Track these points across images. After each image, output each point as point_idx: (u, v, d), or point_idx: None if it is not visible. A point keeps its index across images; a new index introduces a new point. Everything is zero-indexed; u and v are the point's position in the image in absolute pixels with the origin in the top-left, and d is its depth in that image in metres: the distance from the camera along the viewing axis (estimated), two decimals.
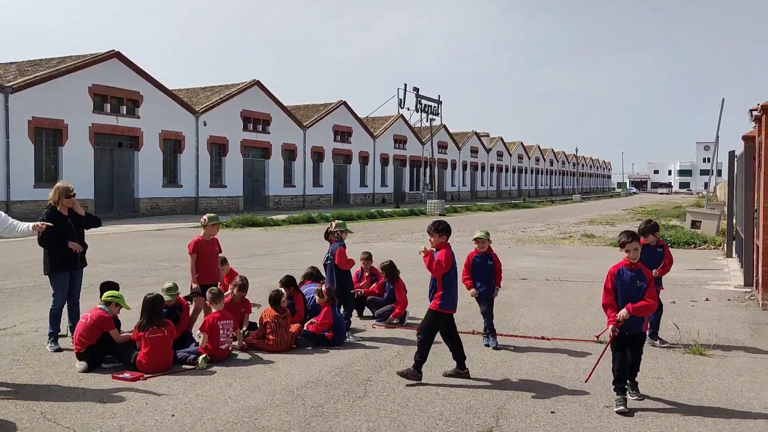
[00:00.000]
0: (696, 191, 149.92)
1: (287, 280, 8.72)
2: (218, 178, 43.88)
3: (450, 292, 6.64)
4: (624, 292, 5.82)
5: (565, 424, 5.32)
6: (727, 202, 18.61)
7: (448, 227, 6.84)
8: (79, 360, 6.91)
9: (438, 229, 6.75)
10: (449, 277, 6.64)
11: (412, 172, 68.45)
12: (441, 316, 6.66)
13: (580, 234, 27.97)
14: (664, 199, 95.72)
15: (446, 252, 6.62)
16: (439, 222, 6.87)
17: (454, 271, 6.71)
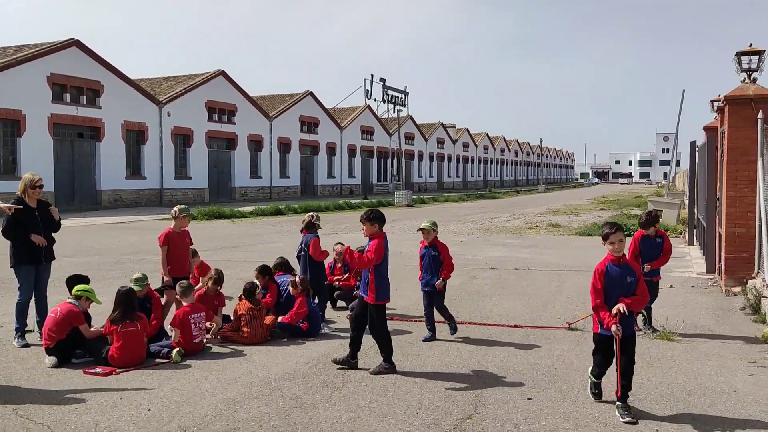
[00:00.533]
0: (655, 181, 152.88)
1: (263, 268, 8.66)
2: (183, 169, 43.30)
3: (384, 283, 6.57)
4: (614, 289, 5.41)
5: (542, 410, 5.39)
6: (688, 192, 19.01)
7: (381, 216, 6.66)
8: (49, 355, 6.77)
9: (370, 218, 6.57)
10: (382, 267, 6.54)
11: (379, 163, 68.44)
12: (380, 307, 6.60)
13: (546, 224, 28.31)
14: (625, 189, 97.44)
15: (378, 242, 6.47)
16: (372, 210, 6.70)
17: (386, 262, 6.62)
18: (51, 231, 7.78)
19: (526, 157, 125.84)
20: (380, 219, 6.62)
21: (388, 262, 6.67)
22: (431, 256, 7.94)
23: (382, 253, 6.50)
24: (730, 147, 11.25)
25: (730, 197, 11.27)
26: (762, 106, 10.87)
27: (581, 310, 9.70)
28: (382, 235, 6.59)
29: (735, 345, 7.57)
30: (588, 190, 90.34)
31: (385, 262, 6.62)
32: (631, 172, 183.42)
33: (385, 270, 6.64)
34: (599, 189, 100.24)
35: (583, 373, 6.47)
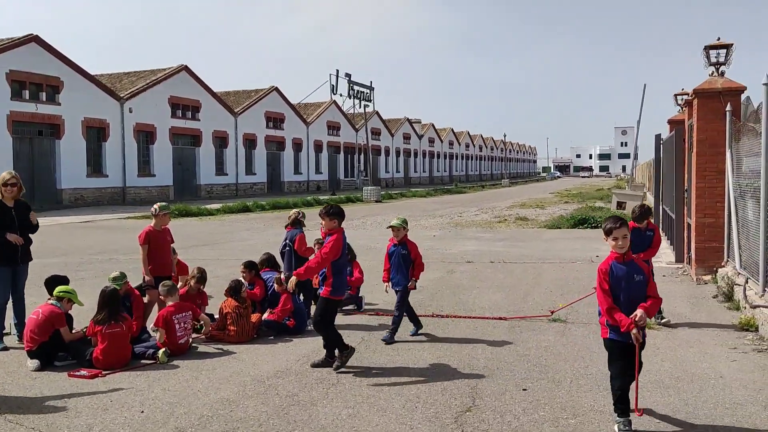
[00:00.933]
0: (615, 174, 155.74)
1: (249, 264, 8.57)
2: (146, 167, 42.57)
3: (340, 279, 6.46)
4: (621, 290, 4.87)
5: (539, 401, 5.45)
6: (654, 184, 19.42)
7: (340, 211, 6.53)
8: (31, 358, 6.60)
9: (330, 213, 6.45)
10: (339, 263, 6.43)
11: (346, 159, 68.27)
12: (332, 302, 6.49)
13: (514, 217, 28.60)
14: (587, 182, 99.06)
15: (336, 238, 6.36)
16: (331, 206, 6.59)
17: (345, 258, 6.55)
18: (28, 232, 7.58)
19: (490, 152, 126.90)
20: (340, 214, 6.50)
21: (346, 259, 6.62)
22: (401, 254, 7.69)
23: (339, 249, 6.37)
24: (699, 139, 11.51)
25: (699, 188, 11.53)
26: (730, 98, 11.14)
27: (561, 300, 9.85)
28: (341, 231, 6.47)
29: (713, 332, 7.76)
30: (551, 184, 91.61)
31: (344, 257, 6.52)
32: (591, 165, 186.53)
33: (344, 266, 6.57)
34: (561, 182, 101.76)
35: (573, 363, 6.58)
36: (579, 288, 10.99)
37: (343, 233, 6.50)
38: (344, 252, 6.51)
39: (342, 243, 6.44)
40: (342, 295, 6.68)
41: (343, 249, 6.49)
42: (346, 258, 6.66)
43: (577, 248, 16.96)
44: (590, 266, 13.57)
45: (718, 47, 11.45)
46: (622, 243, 4.94)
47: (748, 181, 9.70)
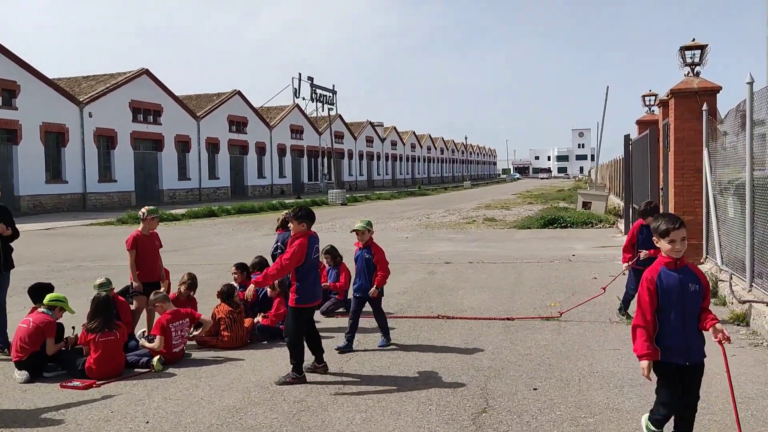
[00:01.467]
0: (573, 175, 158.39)
1: (241, 265, 8.38)
2: (107, 172, 41.58)
3: (305, 285, 6.10)
4: (672, 301, 4.10)
5: (552, 400, 5.41)
6: (625, 183, 19.73)
7: (308, 214, 6.22)
8: (19, 369, 6.30)
9: (297, 216, 6.16)
10: (304, 269, 6.11)
11: (310, 163, 67.85)
12: (301, 311, 6.15)
13: (482, 218, 28.77)
14: (546, 184, 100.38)
15: (300, 242, 6.05)
16: (300, 208, 6.26)
17: (310, 263, 6.17)
18: (9, 239, 7.26)
19: (451, 155, 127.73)
20: (308, 217, 6.19)
21: (313, 264, 6.23)
22: (364, 259, 7.21)
23: (303, 255, 6.04)
24: (677, 138, 11.71)
25: (677, 186, 11.73)
26: (706, 98, 11.37)
27: (549, 299, 9.89)
28: (307, 235, 6.15)
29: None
30: (511, 186, 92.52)
31: (309, 263, 6.14)
32: (550, 167, 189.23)
33: (309, 271, 6.15)
34: (521, 184, 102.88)
35: (576, 361, 6.57)
36: (563, 287, 11.06)
37: (311, 237, 6.17)
38: (309, 257, 6.13)
39: (306, 248, 6.09)
40: (311, 302, 6.20)
41: (308, 254, 6.11)
42: (312, 263, 6.23)
43: (551, 248, 17.10)
44: (569, 265, 13.70)
45: (693, 48, 11.67)
46: (680, 247, 4.09)
47: (730, 179, 9.88)
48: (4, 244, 7.22)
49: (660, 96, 14.60)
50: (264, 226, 27.74)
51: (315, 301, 6.34)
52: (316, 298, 6.35)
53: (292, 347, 6.16)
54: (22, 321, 6.62)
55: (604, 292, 9.26)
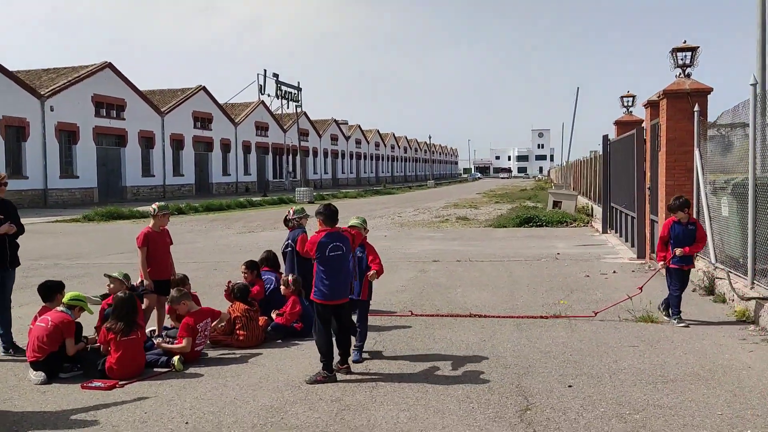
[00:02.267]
0: (532, 175, 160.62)
1: (251, 264, 8.20)
2: (69, 168, 40.54)
3: (321, 281, 6.10)
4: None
5: (590, 397, 5.42)
6: (603, 183, 20.04)
7: (331, 213, 6.24)
8: (35, 370, 6.05)
9: (319, 212, 6.25)
10: (320, 265, 6.16)
11: (275, 160, 67.26)
12: (319, 307, 6.15)
13: (454, 217, 28.93)
14: (507, 183, 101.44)
15: (305, 237, 6.13)
16: (326, 206, 6.32)
17: (326, 260, 6.12)
18: (15, 235, 6.97)
19: (414, 154, 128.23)
20: (323, 214, 6.24)
21: (331, 261, 6.14)
22: (357, 257, 6.87)
23: (312, 249, 6.14)
24: (669, 138, 11.92)
25: (669, 186, 11.93)
26: (698, 99, 11.60)
27: (550, 297, 9.95)
28: (325, 231, 6.16)
29: (716, 325, 7.97)
30: (474, 185, 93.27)
31: (323, 259, 6.12)
32: (510, 167, 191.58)
33: (327, 268, 6.11)
34: (483, 183, 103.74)
35: (600, 358, 6.61)
36: (559, 285, 11.15)
37: (327, 234, 6.16)
38: (324, 254, 6.11)
39: (315, 242, 6.15)
40: (329, 300, 6.12)
41: (322, 250, 6.10)
42: (331, 260, 6.12)
43: (533, 246, 17.26)
44: (557, 263, 13.83)
45: (684, 50, 11.90)
46: None
47: (726, 179, 10.09)
48: (10, 241, 6.92)
49: (642, 97, 14.85)
50: (235, 224, 27.39)
51: (335, 300, 6.20)
52: (337, 297, 6.21)
53: (319, 345, 6.08)
54: (39, 320, 6.36)
55: (641, 292, 8.88)
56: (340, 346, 6.26)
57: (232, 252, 17.14)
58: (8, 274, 7.02)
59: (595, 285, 11.13)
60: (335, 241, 6.17)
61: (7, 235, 6.87)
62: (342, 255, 6.21)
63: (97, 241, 20.27)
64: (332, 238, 6.17)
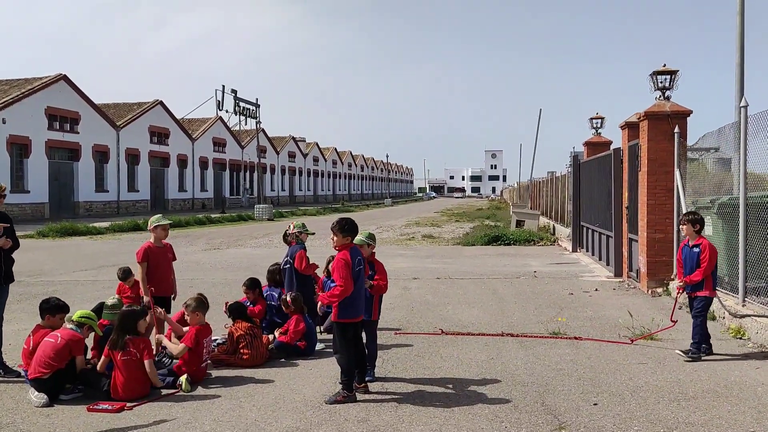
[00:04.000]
0: (485, 195, 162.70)
1: (251, 282, 7.94)
2: (20, 182, 39.10)
3: (346, 300, 5.89)
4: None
5: (619, 415, 5.39)
6: (573, 201, 20.35)
7: (352, 226, 6.07)
8: (38, 390, 5.69)
9: (342, 228, 6.01)
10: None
11: (232, 176, 66.37)
12: (345, 327, 5.97)
13: (420, 235, 28.97)
14: (462, 203, 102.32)
15: (345, 257, 5.90)
16: (344, 220, 6.13)
17: (354, 276, 5.93)
18: (10, 250, 6.61)
19: (371, 172, 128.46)
20: (353, 230, 6.06)
21: (358, 276, 5.99)
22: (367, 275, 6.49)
23: (349, 269, 5.87)
24: (650, 159, 12.15)
25: (650, 205, 12.15)
26: (677, 121, 11.89)
27: (542, 315, 9.96)
28: (349, 247, 5.99)
29: (716, 342, 7.90)
30: (429, 204, 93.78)
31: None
32: (464, 186, 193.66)
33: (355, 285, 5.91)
34: (439, 202, 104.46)
35: (613, 375, 6.60)
36: (546, 302, 11.18)
37: (352, 250, 6.00)
38: (349, 270, 5.88)
39: (351, 262, 5.91)
40: (355, 317, 5.98)
41: (351, 267, 5.89)
42: (354, 276, 5.93)
43: (507, 264, 17.36)
44: (536, 281, 13.90)
45: (664, 73, 12.18)
46: None
47: (711, 198, 10.32)
48: (5, 255, 6.55)
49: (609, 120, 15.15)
50: (198, 240, 26.84)
51: (359, 316, 6.07)
52: (361, 314, 6.08)
53: (342, 364, 5.88)
54: (49, 335, 6.00)
55: (674, 324, 8.21)
56: (358, 365, 6.09)
57: (203, 269, 16.73)
58: (2, 290, 6.64)
59: (582, 303, 11.20)
60: (359, 256, 6.03)
61: (2, 249, 6.50)
62: (363, 271, 6.07)
63: (58, 258, 19.53)
64: (356, 252, 6.02)
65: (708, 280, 7.48)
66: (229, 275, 15.47)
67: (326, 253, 11.19)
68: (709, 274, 7.45)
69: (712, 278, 7.53)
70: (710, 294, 7.55)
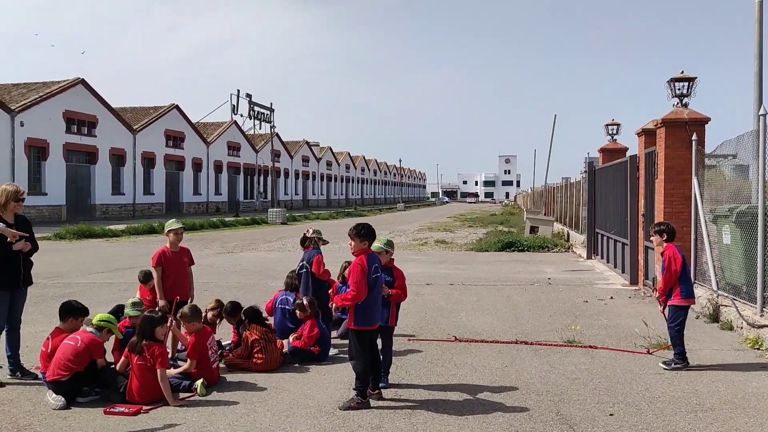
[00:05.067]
0: (499, 200, 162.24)
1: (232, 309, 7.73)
2: (37, 184, 39.52)
3: (363, 305, 5.88)
4: None
5: (636, 426, 5.34)
6: (588, 209, 20.25)
7: (370, 232, 6.06)
8: (56, 392, 5.74)
9: (360, 234, 6.02)
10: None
11: (246, 180, 66.68)
12: (361, 334, 5.94)
13: (432, 240, 28.91)
14: (475, 208, 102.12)
15: (360, 263, 5.90)
16: (362, 225, 6.12)
17: (370, 282, 5.93)
18: (29, 253, 6.68)
19: (384, 177, 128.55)
20: (370, 235, 6.06)
21: (375, 284, 5.99)
22: (384, 281, 6.47)
23: (365, 275, 5.88)
24: (667, 166, 12.07)
25: (666, 213, 12.05)
26: (696, 128, 11.79)
27: (556, 322, 9.91)
28: (367, 254, 6.00)
29: (733, 353, 7.89)
30: (443, 209, 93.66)
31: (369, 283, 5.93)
32: (477, 191, 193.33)
33: (372, 292, 5.93)
34: (452, 208, 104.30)
35: (629, 385, 6.55)
36: (561, 310, 11.12)
37: (369, 256, 5.99)
38: (369, 277, 5.90)
39: (365, 265, 5.92)
40: (368, 325, 5.94)
41: (368, 274, 5.90)
42: (371, 283, 5.93)
43: (521, 271, 17.29)
44: (551, 288, 13.84)
45: (681, 80, 12.10)
46: None
47: (729, 206, 10.22)
48: (24, 259, 6.62)
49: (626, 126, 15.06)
50: (212, 244, 26.96)
51: (375, 324, 6.07)
52: (378, 321, 6.08)
53: (357, 371, 5.88)
54: (68, 338, 6.04)
55: None
56: (372, 372, 6.09)
57: (217, 273, 16.81)
58: (20, 293, 6.70)
59: (597, 311, 11.13)
60: (376, 263, 6.03)
61: (22, 252, 6.56)
62: (380, 278, 6.08)
63: (75, 260, 19.69)
64: (374, 260, 6.03)
65: (676, 288, 7.34)
66: (243, 279, 15.54)
67: (339, 257, 11.26)
68: (675, 281, 7.32)
69: (680, 286, 7.35)
70: (680, 302, 7.35)
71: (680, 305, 7.39)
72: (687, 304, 7.43)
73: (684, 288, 7.41)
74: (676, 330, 7.31)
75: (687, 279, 7.48)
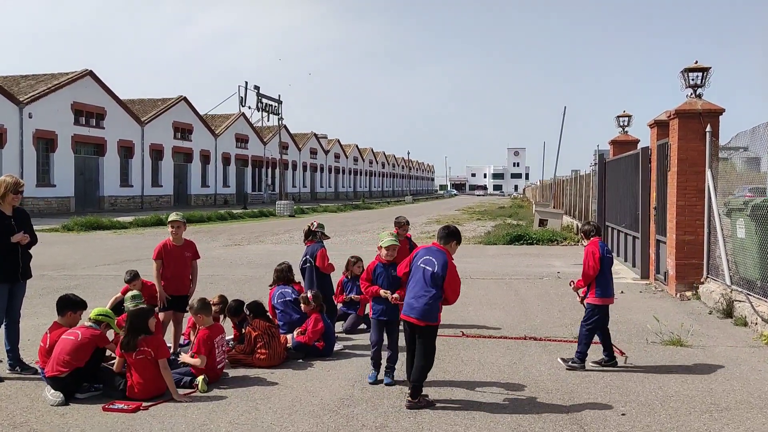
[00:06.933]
0: (508, 193, 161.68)
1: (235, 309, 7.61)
2: (46, 176, 39.59)
3: (440, 306, 5.96)
4: None
5: (649, 427, 5.17)
6: (598, 201, 20.00)
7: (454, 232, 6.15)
8: (55, 388, 5.61)
9: (451, 234, 6.15)
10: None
11: (254, 173, 66.63)
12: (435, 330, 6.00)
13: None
14: (484, 200, 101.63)
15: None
16: (446, 227, 6.19)
17: (405, 276, 6.02)
18: (28, 245, 6.56)
19: (392, 169, 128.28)
20: (452, 236, 6.11)
21: (408, 276, 6.03)
22: (392, 276, 6.35)
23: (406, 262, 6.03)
24: (680, 158, 11.82)
25: (679, 206, 11.81)
26: (709, 119, 11.53)
27: (566, 317, 9.72)
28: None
29: (749, 349, 7.70)
30: (450, 201, 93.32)
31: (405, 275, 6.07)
32: (485, 184, 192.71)
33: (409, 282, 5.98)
34: (460, 200, 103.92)
35: (640, 383, 6.38)
36: (570, 305, 10.90)
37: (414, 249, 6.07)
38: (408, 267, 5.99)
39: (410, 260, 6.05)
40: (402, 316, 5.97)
41: (410, 263, 6.02)
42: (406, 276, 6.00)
43: (530, 264, 17.10)
44: (560, 282, 13.62)
45: (695, 70, 11.84)
46: None
47: (744, 200, 9.99)
48: (23, 251, 6.50)
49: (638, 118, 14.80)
50: (219, 236, 26.87)
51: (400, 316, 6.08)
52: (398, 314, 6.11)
53: (427, 369, 5.77)
54: (67, 333, 5.92)
55: None
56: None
57: (224, 265, 16.70)
58: (19, 287, 6.59)
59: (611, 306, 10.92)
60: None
61: (20, 245, 6.44)
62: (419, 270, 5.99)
63: (82, 252, 19.64)
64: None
65: (592, 286, 7.03)
66: (250, 271, 15.42)
67: (344, 250, 11.15)
68: (592, 279, 6.99)
69: (596, 284, 7.01)
70: (594, 301, 7.03)
71: (595, 304, 7.04)
72: (602, 303, 7.05)
73: (599, 288, 7.03)
74: (586, 329, 7.00)
75: (605, 279, 7.07)
